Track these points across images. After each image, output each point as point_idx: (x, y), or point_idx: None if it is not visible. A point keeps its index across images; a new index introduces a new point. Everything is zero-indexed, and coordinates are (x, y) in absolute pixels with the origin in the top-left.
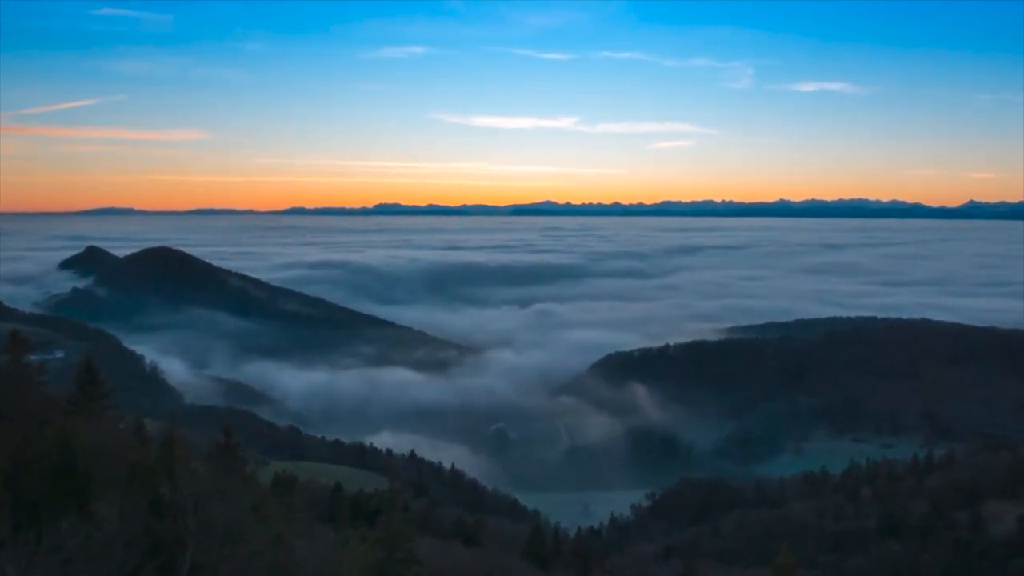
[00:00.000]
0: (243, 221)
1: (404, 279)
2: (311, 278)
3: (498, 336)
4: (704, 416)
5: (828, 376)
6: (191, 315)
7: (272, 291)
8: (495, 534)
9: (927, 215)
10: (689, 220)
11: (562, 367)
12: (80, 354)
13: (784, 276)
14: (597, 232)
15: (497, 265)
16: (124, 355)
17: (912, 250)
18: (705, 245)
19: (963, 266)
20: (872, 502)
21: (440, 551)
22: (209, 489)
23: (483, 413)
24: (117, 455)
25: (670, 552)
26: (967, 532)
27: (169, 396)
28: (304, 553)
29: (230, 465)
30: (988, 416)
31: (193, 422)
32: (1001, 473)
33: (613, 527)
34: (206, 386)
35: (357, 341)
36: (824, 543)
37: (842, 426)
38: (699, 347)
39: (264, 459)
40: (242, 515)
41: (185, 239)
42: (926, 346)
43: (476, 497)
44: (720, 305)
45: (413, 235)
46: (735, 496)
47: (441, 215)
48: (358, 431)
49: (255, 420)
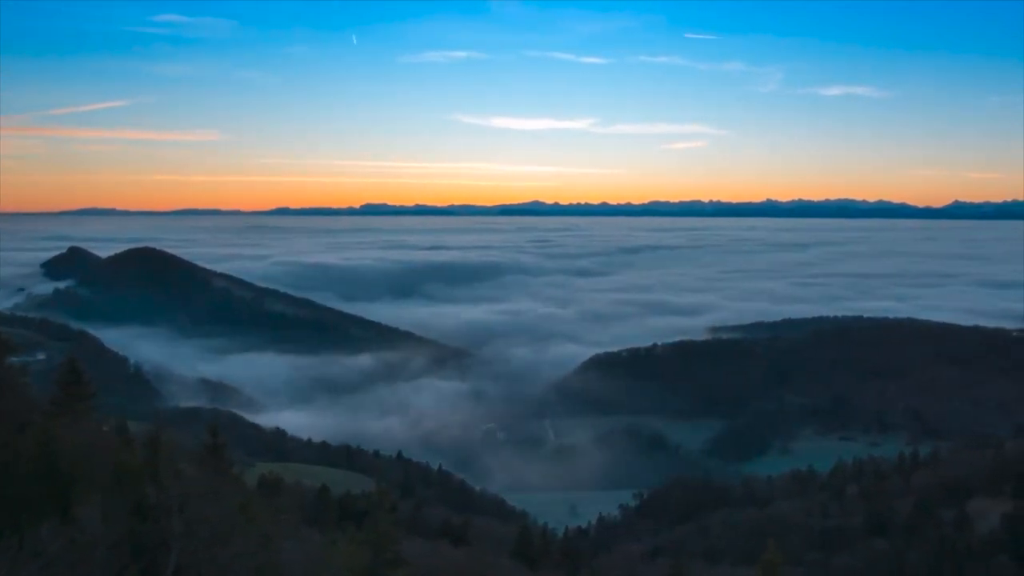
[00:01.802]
0: (231, 221)
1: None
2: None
3: (483, 335)
4: (691, 415)
5: (815, 375)
6: (175, 316)
7: (258, 291)
8: (483, 534)
9: (913, 215)
10: (662, 220)
11: (549, 367)
12: (62, 355)
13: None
14: (575, 232)
15: (421, 264)
16: (107, 356)
17: (853, 248)
18: (662, 245)
19: (879, 267)
20: (858, 500)
21: (428, 552)
22: (195, 491)
23: (471, 413)
24: (100, 457)
25: (658, 551)
26: (952, 530)
27: (153, 397)
28: (290, 555)
29: (216, 466)
30: (973, 414)
31: (178, 424)
32: (986, 471)
33: (601, 527)
34: (191, 387)
35: (344, 341)
36: (811, 541)
37: (829, 425)
38: (686, 347)
39: (250, 461)
40: (228, 517)
41: (169, 239)
42: (912, 345)
43: (463, 497)
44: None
45: (382, 235)
46: (722, 495)
47: (429, 215)
48: (344, 432)
49: (240, 421)
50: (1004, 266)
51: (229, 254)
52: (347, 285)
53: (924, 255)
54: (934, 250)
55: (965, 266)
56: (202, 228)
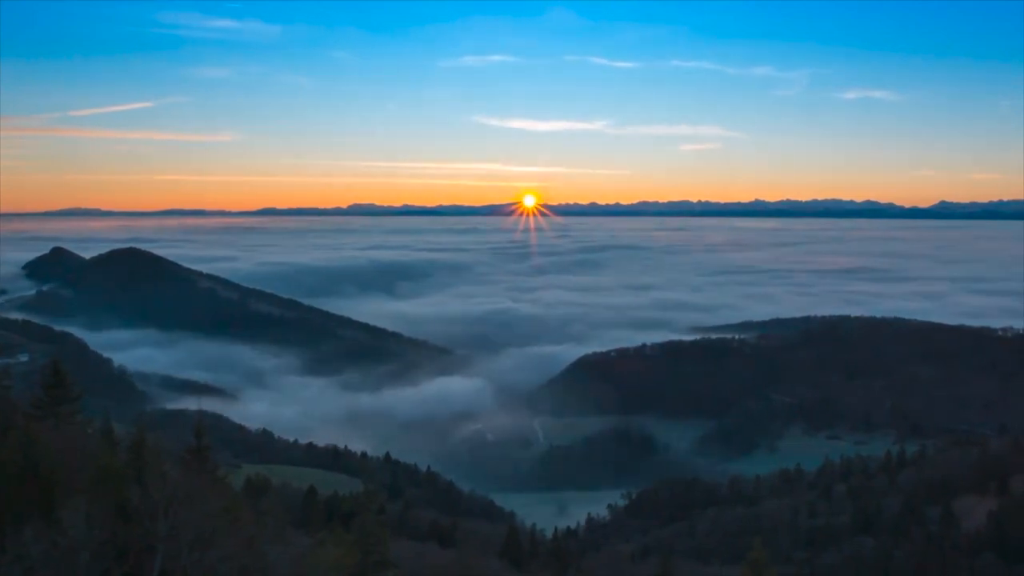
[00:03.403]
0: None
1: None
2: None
3: (469, 336)
4: (680, 415)
5: (802, 375)
6: (160, 317)
7: (243, 292)
8: (471, 535)
9: (900, 215)
10: (646, 221)
11: (536, 368)
12: (45, 357)
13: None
14: (559, 231)
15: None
16: (91, 358)
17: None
18: (633, 245)
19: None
20: (846, 499)
21: (416, 553)
22: (180, 493)
23: (459, 414)
24: (84, 460)
25: (646, 551)
26: (938, 527)
27: (138, 399)
28: (276, 557)
29: (201, 469)
30: (958, 413)
31: (163, 426)
32: (971, 469)
33: (589, 527)
34: (176, 389)
35: (330, 341)
36: (798, 540)
37: (816, 424)
38: (675, 347)
39: (236, 462)
40: (213, 520)
41: (155, 239)
42: (898, 345)
43: (452, 499)
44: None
45: (348, 236)
46: (711, 494)
47: (415, 215)
48: (331, 433)
49: (226, 423)
50: (989, 267)
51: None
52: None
53: (909, 255)
54: (917, 250)
55: (949, 267)
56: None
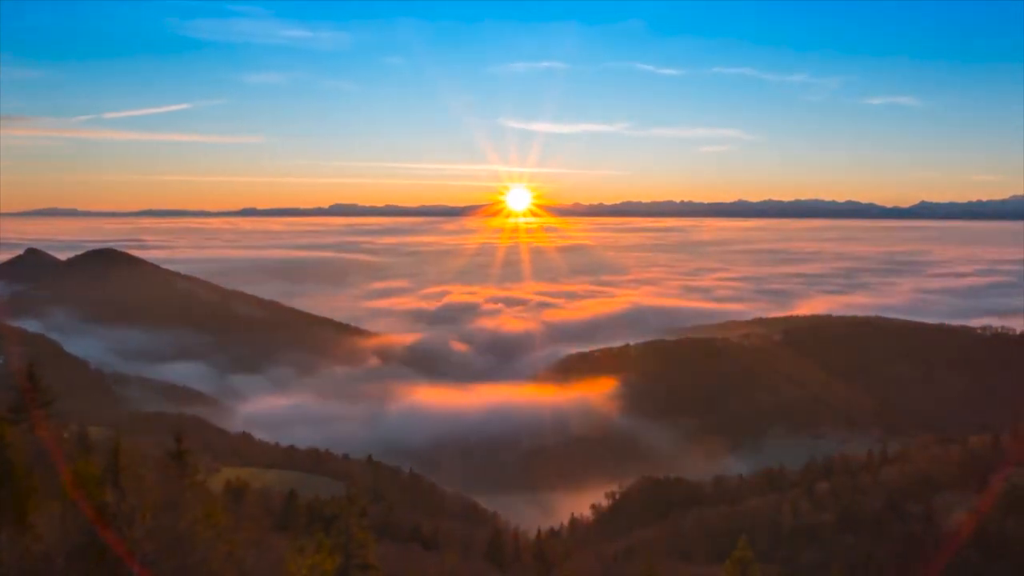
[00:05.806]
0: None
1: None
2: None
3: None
4: (663, 415)
5: (785, 374)
6: (136, 318)
7: (223, 293)
8: (454, 538)
9: (880, 215)
10: (624, 221)
11: (520, 369)
12: (20, 360)
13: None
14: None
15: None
16: (67, 361)
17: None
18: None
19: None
20: (829, 497)
21: (399, 556)
22: (157, 498)
23: (441, 415)
24: (58, 464)
25: (630, 551)
26: (920, 524)
27: (115, 402)
28: (255, 562)
29: (180, 473)
30: (939, 411)
31: (141, 429)
32: (953, 467)
33: (573, 528)
34: (154, 392)
35: (310, 342)
36: (782, 538)
37: (800, 423)
38: (658, 346)
39: (216, 466)
40: (191, 525)
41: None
42: (880, 344)
43: (435, 501)
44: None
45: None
46: (694, 494)
47: (398, 216)
48: (313, 436)
49: (206, 426)
50: (966, 265)
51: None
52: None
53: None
54: (899, 248)
55: (933, 265)
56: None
